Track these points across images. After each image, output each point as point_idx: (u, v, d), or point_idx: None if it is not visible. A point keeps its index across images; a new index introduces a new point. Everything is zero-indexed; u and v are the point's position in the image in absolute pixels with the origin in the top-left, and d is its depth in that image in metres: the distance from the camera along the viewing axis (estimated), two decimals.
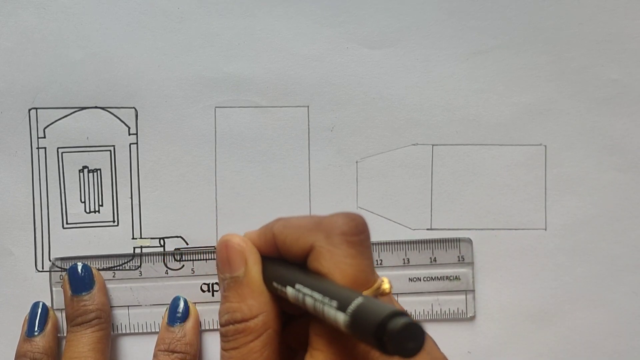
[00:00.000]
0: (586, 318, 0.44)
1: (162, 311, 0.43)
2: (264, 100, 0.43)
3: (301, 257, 0.30)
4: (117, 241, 0.42)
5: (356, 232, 0.30)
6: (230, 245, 0.32)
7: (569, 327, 0.44)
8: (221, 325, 0.32)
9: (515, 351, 0.44)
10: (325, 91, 0.43)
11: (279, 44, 0.43)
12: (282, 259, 0.32)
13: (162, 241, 0.43)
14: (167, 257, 0.43)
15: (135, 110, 0.43)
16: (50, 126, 0.43)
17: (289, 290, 0.30)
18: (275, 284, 0.31)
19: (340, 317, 0.27)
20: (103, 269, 0.43)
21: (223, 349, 0.32)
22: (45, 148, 0.43)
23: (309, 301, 0.29)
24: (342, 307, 0.27)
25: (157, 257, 0.43)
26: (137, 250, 0.43)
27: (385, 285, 0.29)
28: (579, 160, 0.44)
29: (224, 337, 0.32)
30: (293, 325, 0.33)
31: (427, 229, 0.44)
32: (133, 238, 0.43)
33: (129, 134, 0.43)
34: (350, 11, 0.43)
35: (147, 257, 0.43)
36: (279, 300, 0.31)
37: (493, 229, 0.44)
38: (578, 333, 0.44)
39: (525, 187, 0.44)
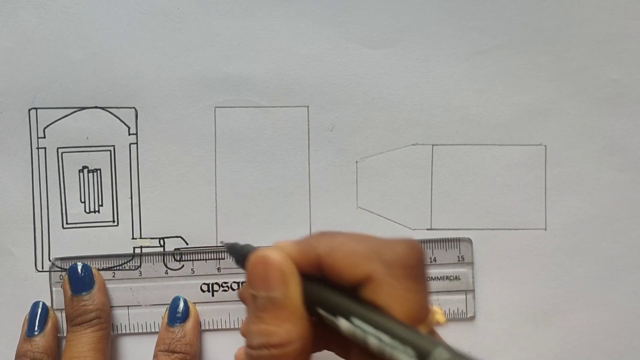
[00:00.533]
0: (586, 318, 0.44)
1: (162, 311, 0.43)
2: (264, 100, 0.43)
3: (352, 284, 0.28)
4: (117, 241, 0.42)
5: (418, 264, 0.28)
6: (269, 262, 0.29)
7: (569, 327, 0.44)
8: (252, 348, 0.29)
9: (515, 351, 0.44)
10: (325, 91, 0.43)
11: (279, 44, 0.43)
12: (325, 280, 0.29)
13: (162, 241, 0.43)
14: (167, 257, 0.43)
15: (135, 110, 0.43)
16: (50, 126, 0.43)
17: (342, 323, 0.28)
18: (321, 311, 0.29)
19: None
20: (103, 269, 0.43)
21: None
22: (45, 148, 0.43)
23: (372, 341, 0.27)
24: (420, 357, 0.25)
25: (157, 257, 0.43)
26: (137, 250, 0.43)
27: (440, 318, 0.28)
28: (579, 160, 0.44)
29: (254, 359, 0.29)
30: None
31: (427, 229, 0.44)
32: (133, 238, 0.43)
33: (129, 134, 0.43)
34: (350, 11, 0.43)
35: (147, 257, 0.43)
36: (315, 325, 0.29)
37: (493, 229, 0.44)
38: (578, 333, 0.44)
39: (525, 187, 0.44)
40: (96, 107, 0.43)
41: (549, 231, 0.44)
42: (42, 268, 0.43)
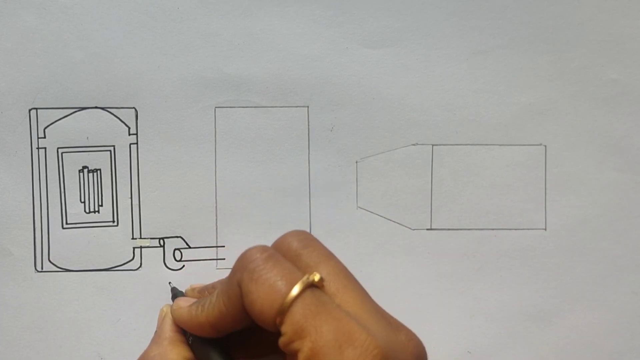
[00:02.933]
0: (586, 318, 0.44)
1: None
2: (264, 101, 0.43)
3: (241, 310, 0.31)
4: (117, 241, 0.42)
5: (263, 251, 0.31)
6: (160, 309, 0.37)
7: (569, 327, 0.44)
8: None
9: (515, 351, 0.44)
10: (325, 91, 0.43)
11: (278, 44, 0.43)
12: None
13: (162, 241, 0.43)
14: (167, 257, 0.43)
15: (135, 110, 0.43)
16: (51, 126, 0.43)
17: None
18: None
19: None
20: (103, 269, 0.43)
21: None
22: (45, 148, 0.43)
23: None
24: None
25: (157, 257, 0.43)
26: (137, 250, 0.43)
27: (316, 277, 0.30)
28: (579, 160, 0.44)
29: None
30: None
31: (427, 229, 0.44)
32: (133, 238, 0.43)
33: (129, 134, 0.43)
34: (350, 11, 0.43)
35: (147, 257, 0.43)
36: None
37: (493, 229, 0.44)
38: (578, 333, 0.44)
39: (525, 187, 0.44)
40: (96, 107, 0.43)
41: (549, 231, 0.44)
42: (42, 268, 0.43)
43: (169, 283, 0.43)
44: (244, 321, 0.32)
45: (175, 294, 0.40)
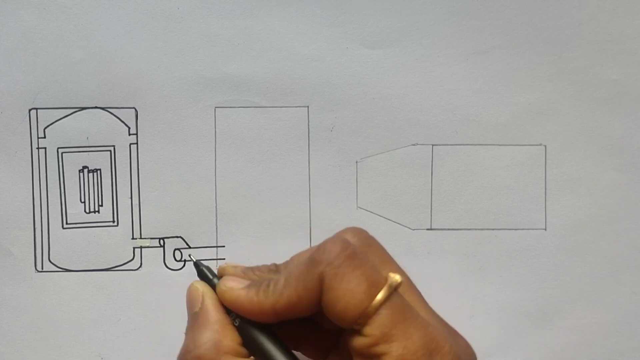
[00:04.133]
0: (586, 318, 0.44)
1: (162, 311, 0.43)
2: (264, 101, 0.43)
3: (313, 304, 0.30)
4: (117, 241, 0.42)
5: (347, 247, 0.30)
6: (191, 288, 0.33)
7: (569, 327, 0.44)
8: None
9: (515, 351, 0.44)
10: (325, 91, 0.43)
11: (278, 44, 0.43)
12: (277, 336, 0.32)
13: (162, 241, 0.43)
14: (167, 257, 0.43)
15: (135, 110, 0.43)
16: (51, 126, 0.43)
17: None
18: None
19: None
20: (103, 269, 0.43)
21: None
22: (45, 148, 0.43)
23: None
24: None
25: (157, 257, 0.43)
26: (137, 251, 0.43)
27: (397, 278, 0.30)
28: (579, 160, 0.44)
29: None
30: None
31: (427, 229, 0.44)
32: (133, 238, 0.43)
33: (129, 134, 0.43)
34: (350, 11, 0.43)
35: (147, 257, 0.43)
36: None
37: (493, 229, 0.44)
38: (578, 333, 0.44)
39: (525, 187, 0.44)
40: (96, 107, 0.43)
41: (549, 231, 0.44)
42: (42, 268, 0.43)
43: (190, 255, 0.42)
44: (312, 312, 0.31)
45: (202, 270, 0.36)
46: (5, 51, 0.43)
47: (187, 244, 0.43)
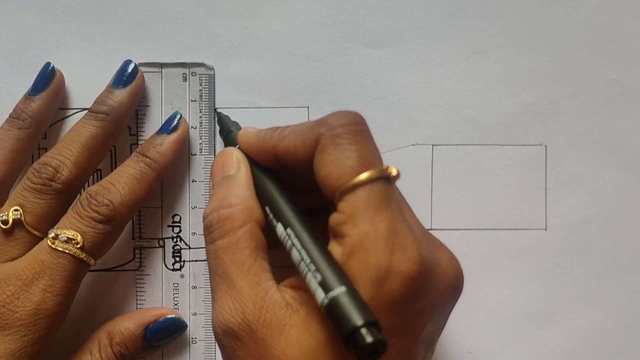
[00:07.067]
0: (586, 318, 0.44)
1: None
2: (264, 101, 0.43)
3: (307, 159, 0.31)
4: (117, 241, 0.42)
5: (357, 122, 0.31)
6: (226, 152, 0.35)
7: (569, 327, 0.44)
8: (206, 216, 0.33)
9: (515, 351, 0.44)
10: (325, 91, 0.44)
11: (279, 45, 0.43)
12: (279, 177, 0.33)
13: (162, 241, 0.43)
14: (167, 257, 0.43)
15: (136, 110, 0.43)
16: (51, 127, 0.43)
17: (279, 228, 0.31)
18: (267, 210, 0.32)
19: (319, 296, 0.28)
20: (103, 270, 0.43)
21: (209, 242, 0.32)
22: (45, 148, 0.43)
23: (295, 254, 0.30)
24: (324, 287, 0.28)
25: (157, 257, 0.43)
26: (137, 251, 0.43)
27: (393, 170, 0.30)
28: (579, 160, 0.44)
29: (208, 228, 0.32)
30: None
31: (427, 229, 0.44)
32: (133, 238, 0.43)
33: (130, 135, 0.43)
34: (350, 11, 0.44)
35: (147, 257, 0.43)
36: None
37: (493, 229, 0.44)
38: (578, 333, 0.44)
39: (525, 187, 0.44)
40: None
41: (549, 231, 0.44)
42: None
43: (215, 110, 0.42)
44: (306, 169, 0.31)
45: (222, 118, 0.38)
46: (5, 52, 0.43)
47: (187, 244, 0.43)
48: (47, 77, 0.41)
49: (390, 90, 0.44)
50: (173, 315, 0.42)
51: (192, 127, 0.43)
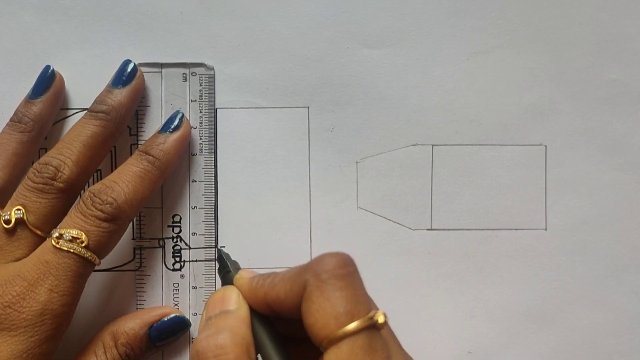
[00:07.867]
0: (586, 318, 0.44)
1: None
2: (265, 102, 0.43)
3: (297, 307, 0.30)
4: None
5: (343, 266, 0.30)
6: (229, 289, 0.34)
7: (569, 327, 0.44)
8: (198, 344, 0.31)
9: (515, 351, 0.44)
10: (325, 91, 0.44)
11: (279, 45, 0.43)
12: (272, 325, 0.33)
13: (162, 241, 0.43)
14: (167, 257, 0.43)
15: (137, 110, 0.43)
16: (51, 127, 0.43)
17: None
18: (259, 358, 0.32)
19: None
20: (103, 270, 0.43)
21: None
22: (45, 149, 0.43)
23: None
24: None
25: (157, 257, 0.43)
26: (137, 251, 0.43)
27: (380, 318, 0.29)
28: (579, 160, 0.44)
29: (201, 355, 0.30)
30: None
31: (427, 229, 0.44)
32: (133, 238, 0.43)
33: (130, 135, 0.43)
34: (350, 11, 0.44)
35: (147, 258, 0.43)
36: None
37: (493, 229, 0.44)
38: (578, 333, 0.44)
39: (525, 187, 0.44)
40: None
41: (549, 231, 0.44)
42: None
43: (217, 248, 0.42)
44: (299, 317, 0.31)
45: (222, 256, 0.38)
46: (5, 52, 0.43)
47: (187, 245, 0.43)
48: (47, 81, 0.41)
49: (390, 91, 0.44)
50: (177, 314, 0.42)
51: (192, 127, 0.43)
